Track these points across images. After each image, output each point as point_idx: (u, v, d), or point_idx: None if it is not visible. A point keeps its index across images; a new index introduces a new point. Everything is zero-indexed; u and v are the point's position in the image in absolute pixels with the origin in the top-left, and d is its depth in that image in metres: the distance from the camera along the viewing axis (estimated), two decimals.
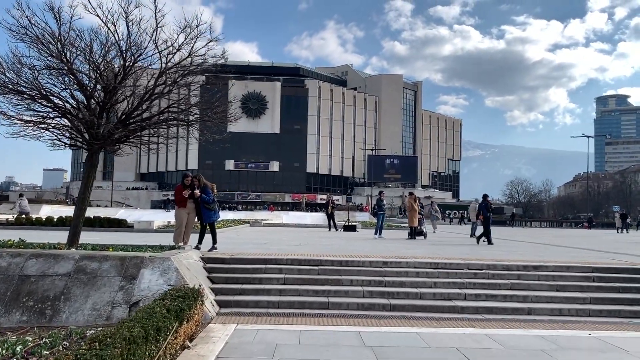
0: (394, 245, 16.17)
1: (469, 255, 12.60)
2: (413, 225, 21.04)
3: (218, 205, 11.91)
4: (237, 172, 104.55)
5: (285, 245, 14.81)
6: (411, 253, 12.89)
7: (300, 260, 10.63)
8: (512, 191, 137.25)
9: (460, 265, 10.69)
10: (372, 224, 34.15)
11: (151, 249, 10.56)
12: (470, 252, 14.11)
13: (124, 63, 10.04)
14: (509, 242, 21.44)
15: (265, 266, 10.29)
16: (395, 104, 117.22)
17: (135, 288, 8.43)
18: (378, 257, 11.18)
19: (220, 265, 10.38)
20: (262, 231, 26.19)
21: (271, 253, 11.58)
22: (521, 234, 33.12)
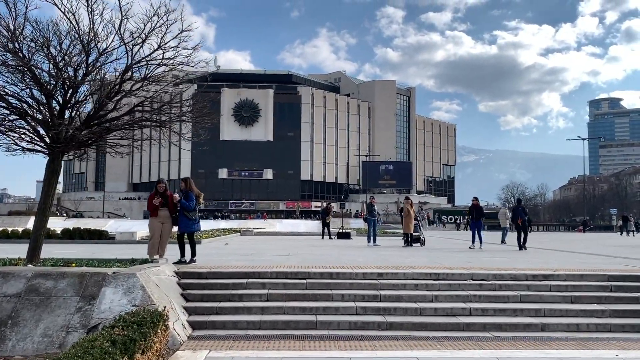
0: (390, 254, 15.14)
1: (471, 264, 11.59)
2: (409, 232, 20.02)
3: (199, 216, 10.81)
4: (230, 180, 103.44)
5: (272, 256, 13.76)
6: (408, 262, 11.87)
7: (287, 273, 9.58)
8: (508, 195, 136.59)
9: (464, 276, 9.66)
10: (366, 231, 33.11)
11: (120, 263, 9.49)
12: (471, 259, 13.09)
13: (87, 58, 9.00)
14: (509, 247, 20.44)
15: (246, 281, 9.24)
16: (389, 109, 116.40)
17: (95, 309, 7.37)
18: (372, 268, 10.16)
19: (196, 281, 9.32)
20: (252, 241, 25.12)
21: (255, 265, 10.53)
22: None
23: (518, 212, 18.83)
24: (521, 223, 18.34)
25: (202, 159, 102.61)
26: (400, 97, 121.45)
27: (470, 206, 20.24)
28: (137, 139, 10.34)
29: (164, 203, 10.82)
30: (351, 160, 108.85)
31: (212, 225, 48.99)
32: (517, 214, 18.84)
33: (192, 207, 10.55)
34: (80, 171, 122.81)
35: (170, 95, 10.61)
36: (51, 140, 9.23)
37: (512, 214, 20.26)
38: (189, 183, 10.71)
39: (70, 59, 9.00)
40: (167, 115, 9.83)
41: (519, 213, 18.67)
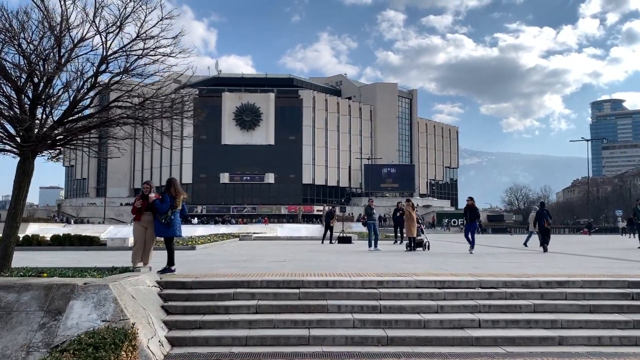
0: (391, 259, 14.34)
1: (479, 270, 10.78)
2: (412, 236, 19.21)
3: (178, 220, 9.96)
4: (232, 185, 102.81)
5: (267, 263, 12.98)
6: (411, 269, 11.08)
7: (278, 282, 8.79)
8: (512, 198, 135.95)
9: (471, 283, 8.86)
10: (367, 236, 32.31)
11: (97, 272, 8.72)
12: (479, 265, 12.29)
13: (59, 49, 8.25)
14: (516, 251, 19.64)
15: (234, 291, 8.45)
16: (391, 112, 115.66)
17: (61, 326, 6.60)
18: (372, 276, 9.36)
19: (179, 291, 8.54)
20: (250, 246, 24.34)
21: (245, 274, 9.75)
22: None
23: (543, 215, 19.17)
24: (547, 226, 18.87)
25: (204, 163, 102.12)
26: (402, 99, 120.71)
27: (464, 207, 18.81)
28: (121, 137, 9.47)
29: (148, 206, 10.09)
30: (353, 164, 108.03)
31: (212, 230, 48.21)
32: (542, 217, 19.14)
33: (163, 210, 9.77)
34: (82, 177, 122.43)
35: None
36: (21, 139, 8.48)
37: (535, 217, 19.79)
38: (172, 184, 9.93)
39: (41, 50, 8.26)
40: (149, 111, 9.01)
41: (545, 216, 19.10)
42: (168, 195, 9.83)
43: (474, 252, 17.08)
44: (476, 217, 18.36)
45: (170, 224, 9.80)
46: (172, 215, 9.79)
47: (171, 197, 9.82)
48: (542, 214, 19.27)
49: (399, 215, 23.31)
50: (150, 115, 8.99)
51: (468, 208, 18.20)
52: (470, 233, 18.00)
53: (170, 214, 9.78)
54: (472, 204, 18.24)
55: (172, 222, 9.81)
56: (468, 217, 18.06)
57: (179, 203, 9.86)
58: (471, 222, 18.14)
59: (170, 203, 9.80)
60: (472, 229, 18.16)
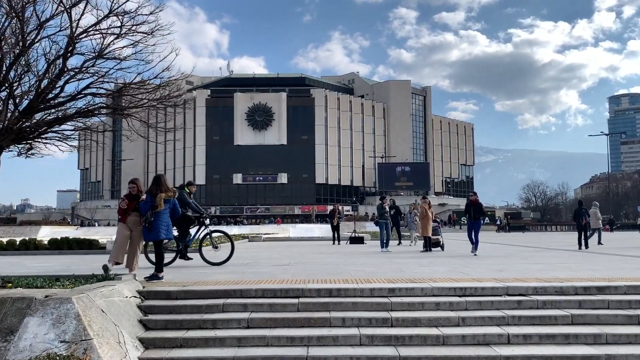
0: (405, 261, 13.20)
1: (503, 274, 9.61)
2: (427, 235, 18.04)
3: (164, 223, 8.92)
4: (245, 185, 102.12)
5: (269, 266, 11.90)
6: (427, 273, 9.93)
7: (275, 290, 7.71)
8: (529, 195, 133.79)
9: (497, 290, 7.71)
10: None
11: (70, 281, 7.74)
12: (503, 267, 11.10)
13: (21, 27, 7.25)
14: (538, 250, 18.39)
15: (224, 301, 7.38)
16: (404, 110, 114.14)
17: (12, 348, 5.59)
18: (382, 282, 8.25)
19: (162, 303, 7.50)
20: (257, 248, 23.31)
21: (240, 281, 8.68)
22: (548, 240, 29.93)
23: (582, 213, 19.33)
24: (585, 224, 19.05)
25: (217, 164, 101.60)
26: (415, 97, 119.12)
27: (466, 203, 16.83)
28: (92, 128, 8.46)
29: (135, 207, 9.11)
30: (367, 163, 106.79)
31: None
32: (581, 214, 19.28)
33: (142, 211, 8.77)
34: (96, 179, 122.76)
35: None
36: None
37: (573, 215, 19.86)
38: (160, 182, 8.90)
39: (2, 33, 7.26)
40: (127, 99, 7.98)
41: (583, 214, 19.29)
42: (148, 194, 8.82)
43: (477, 253, 15.38)
44: (481, 215, 16.41)
45: (152, 226, 8.77)
46: (152, 217, 8.76)
47: (152, 196, 8.80)
48: (580, 212, 19.32)
49: (394, 213, 22.35)
50: (132, 104, 7.91)
51: (471, 204, 16.44)
52: (474, 232, 15.97)
53: (150, 216, 8.75)
54: (476, 200, 16.51)
55: (154, 225, 8.78)
56: (472, 214, 16.26)
57: (160, 203, 8.81)
58: (476, 220, 16.31)
59: (151, 203, 8.78)
60: (476, 227, 16.11)
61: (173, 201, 9.17)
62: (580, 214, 19.23)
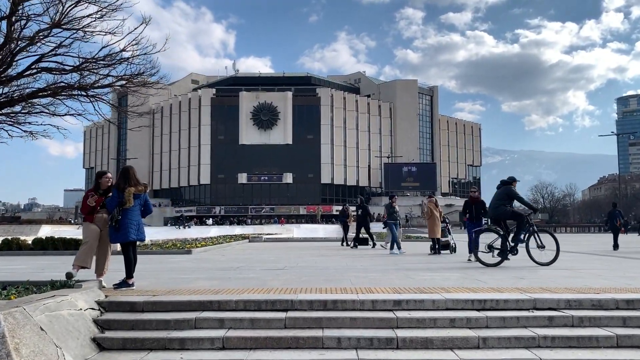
0: (413, 266, 11.97)
1: (526, 282, 8.36)
2: (435, 237, 16.78)
3: (134, 221, 7.74)
4: (250, 185, 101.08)
5: (261, 271, 10.70)
6: (438, 280, 8.69)
7: (260, 302, 6.51)
8: (537, 196, 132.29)
9: (522, 303, 6.49)
10: (388, 236, 29.90)
11: (17, 290, 6.58)
12: (523, 274, 9.82)
13: None
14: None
15: (197, 316, 6.19)
16: (411, 109, 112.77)
17: None
18: (387, 292, 7.04)
19: (125, 316, 6.31)
20: (256, 249, 22.12)
21: (220, 289, 7.48)
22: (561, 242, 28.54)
23: (615, 214, 19.30)
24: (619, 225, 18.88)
25: (222, 164, 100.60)
26: (422, 96, 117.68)
27: (465, 200, 14.17)
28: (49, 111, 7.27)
29: (102, 204, 7.93)
30: (373, 163, 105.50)
31: (227, 231, 46.23)
32: (615, 216, 19.22)
33: (109, 208, 7.62)
34: None
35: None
36: None
37: (607, 216, 19.40)
38: (128, 174, 7.74)
39: None
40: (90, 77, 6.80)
41: (617, 215, 19.31)
42: (115, 189, 7.66)
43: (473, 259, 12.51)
44: (483, 214, 13.72)
45: (120, 226, 7.60)
46: (120, 215, 7.60)
47: (119, 191, 7.64)
48: (615, 214, 19.13)
49: (361, 213, 21.19)
50: (98, 83, 6.73)
51: (472, 202, 13.72)
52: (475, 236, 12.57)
53: (117, 214, 7.58)
54: (478, 197, 13.91)
55: (122, 224, 7.61)
56: (473, 213, 13.60)
57: (129, 198, 7.63)
58: (477, 221, 13.60)
59: (119, 199, 7.62)
60: (477, 229, 13.02)
61: (144, 197, 8.00)
62: (615, 216, 19.13)
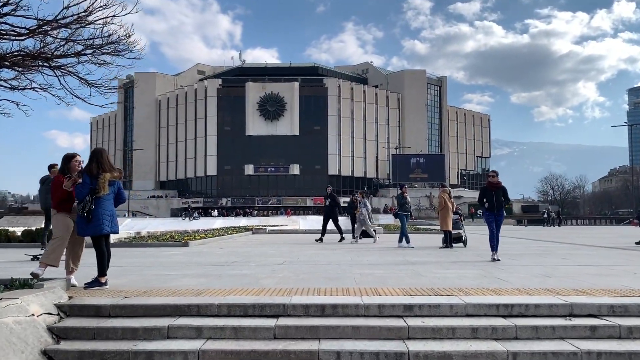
0: (423, 262, 10.96)
1: (553, 280, 7.33)
2: (447, 229, 15.76)
3: (107, 212, 6.80)
4: (256, 176, 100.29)
5: (256, 266, 9.72)
6: (453, 279, 7.66)
7: (247, 306, 5.53)
8: (546, 188, 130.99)
9: (556, 309, 5.47)
10: (396, 228, 28.95)
11: None
12: (548, 271, 8.77)
13: None
14: (577, 247, 16.05)
15: (171, 323, 5.23)
16: (419, 100, 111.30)
17: None
18: (395, 294, 6.04)
19: (87, 323, 5.35)
20: (257, 241, 21.16)
21: (204, 290, 6.50)
22: (574, 235, 27.48)
23: None
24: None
25: (228, 155, 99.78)
26: (431, 87, 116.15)
27: (482, 187, 11.56)
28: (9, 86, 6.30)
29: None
30: (380, 154, 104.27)
31: (232, 223, 45.40)
32: None
33: (80, 196, 6.65)
34: None
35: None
36: None
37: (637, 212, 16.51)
38: (99, 156, 6.79)
39: None
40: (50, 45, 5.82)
41: None
42: (87, 174, 6.69)
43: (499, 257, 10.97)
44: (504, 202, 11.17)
45: (93, 216, 6.64)
46: (93, 205, 6.64)
47: (91, 176, 6.67)
48: None
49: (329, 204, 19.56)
50: (59, 51, 5.76)
51: (491, 188, 11.18)
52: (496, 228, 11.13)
53: (90, 203, 6.62)
54: (499, 182, 11.31)
55: (95, 215, 6.65)
56: (494, 201, 10.98)
57: (104, 185, 6.67)
58: (498, 209, 11.11)
59: (91, 186, 6.65)
60: (499, 221, 11.16)
61: (118, 184, 7.03)
62: None
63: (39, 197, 12.74)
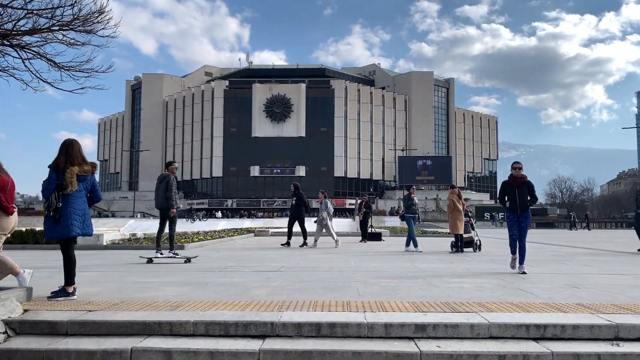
0: (434, 268, 10.05)
1: (585, 294, 6.39)
2: (458, 233, 14.84)
3: (80, 211, 5.99)
4: (262, 178, 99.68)
5: (250, 273, 8.84)
6: (470, 290, 6.75)
7: (228, 324, 4.65)
8: (555, 191, 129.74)
9: (598, 331, 4.57)
10: (402, 231, 28.08)
11: None
12: (573, 279, 7.86)
13: None
14: (598, 253, 15.10)
15: (135, 345, 4.35)
16: (427, 102, 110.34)
17: None
18: (404, 309, 5.14)
19: (37, 344, 4.48)
20: (257, 244, 20.33)
21: (183, 302, 5.61)
22: (590, 239, 26.48)
23: None
24: None
25: (234, 156, 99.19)
26: (438, 88, 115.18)
27: (504, 182, 9.35)
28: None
29: None
30: (387, 156, 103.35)
31: (236, 225, 44.65)
32: None
33: (45, 193, 5.83)
34: (115, 171, 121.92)
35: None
36: None
37: None
38: (69, 148, 5.97)
39: None
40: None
41: None
42: (53, 169, 5.87)
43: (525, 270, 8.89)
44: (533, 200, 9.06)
45: (60, 216, 5.81)
46: (60, 202, 5.81)
47: (57, 171, 5.85)
48: None
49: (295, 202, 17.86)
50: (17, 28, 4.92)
51: (513, 184, 9.10)
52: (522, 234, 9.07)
53: (56, 201, 5.79)
54: (524, 176, 9.18)
55: (64, 214, 5.82)
56: (517, 200, 8.94)
57: (71, 181, 5.84)
58: (524, 212, 8.97)
59: (58, 182, 5.83)
60: (524, 225, 9.07)
61: (91, 180, 6.19)
62: None
63: (155, 195, 11.72)
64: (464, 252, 14.50)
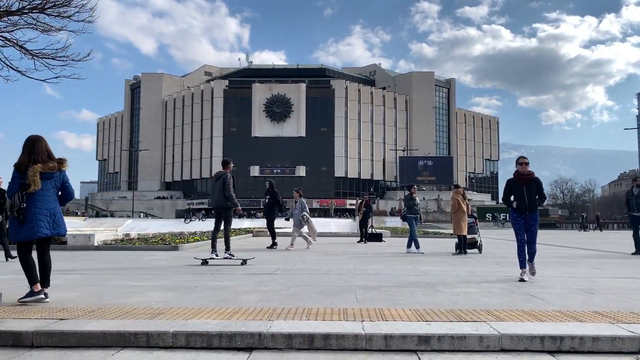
0: (437, 271, 9.59)
1: (599, 300, 5.92)
2: (462, 234, 14.35)
3: (49, 210, 5.58)
4: (262, 178, 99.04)
5: (243, 276, 8.36)
6: (477, 297, 6.29)
7: (211, 335, 4.20)
8: (556, 192, 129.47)
9: (621, 343, 4.10)
10: (403, 231, 27.63)
11: None
12: (584, 283, 7.40)
13: None
14: (605, 255, 14.65)
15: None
16: (427, 102, 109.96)
17: None
18: (406, 318, 4.69)
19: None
20: (256, 244, 19.90)
21: (164, 309, 5.17)
22: (596, 240, 26.02)
23: None
24: None
25: (234, 156, 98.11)
26: (439, 89, 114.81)
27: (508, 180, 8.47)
28: None
29: None
30: (387, 156, 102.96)
31: (235, 225, 44.13)
32: None
33: (9, 193, 5.42)
34: (114, 171, 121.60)
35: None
36: None
37: None
38: (32, 145, 5.56)
39: None
40: None
41: None
42: (16, 168, 5.46)
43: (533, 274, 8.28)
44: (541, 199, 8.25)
45: (25, 217, 5.38)
46: (23, 202, 5.39)
47: (20, 171, 5.44)
48: None
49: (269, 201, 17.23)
50: None
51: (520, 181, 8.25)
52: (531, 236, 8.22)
53: (20, 201, 5.37)
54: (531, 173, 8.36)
55: (29, 215, 5.39)
56: (525, 198, 8.07)
57: (34, 179, 5.42)
58: (532, 212, 8.13)
59: (22, 181, 5.40)
60: (533, 227, 8.20)
61: (61, 176, 5.75)
62: None
63: (211, 194, 11.32)
64: (467, 253, 14.04)
